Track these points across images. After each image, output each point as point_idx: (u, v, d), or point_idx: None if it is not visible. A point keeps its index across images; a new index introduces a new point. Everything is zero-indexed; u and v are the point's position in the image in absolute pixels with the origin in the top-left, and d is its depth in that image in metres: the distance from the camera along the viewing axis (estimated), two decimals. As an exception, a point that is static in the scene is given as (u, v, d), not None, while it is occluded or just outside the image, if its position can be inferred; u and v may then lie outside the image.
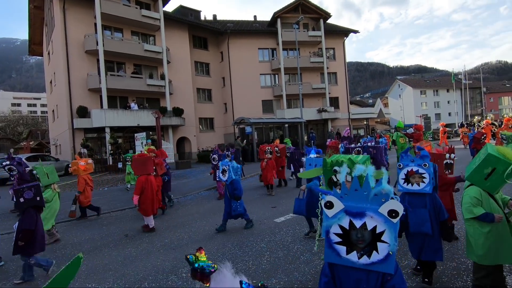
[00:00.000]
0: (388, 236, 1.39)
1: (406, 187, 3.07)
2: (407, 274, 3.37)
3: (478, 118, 26.51)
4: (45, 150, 34.53)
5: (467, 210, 2.73)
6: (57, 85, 20.86)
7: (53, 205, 5.46)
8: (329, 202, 1.49)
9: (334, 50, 30.05)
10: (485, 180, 2.68)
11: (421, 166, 2.98)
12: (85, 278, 3.88)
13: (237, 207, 5.34)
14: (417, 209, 3.04)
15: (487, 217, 2.62)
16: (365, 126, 31.96)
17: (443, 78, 67.65)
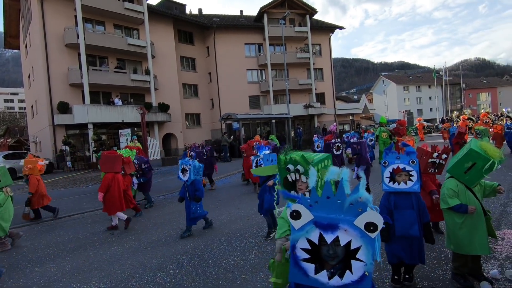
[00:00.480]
0: (365, 253, 1.16)
1: (393, 186, 2.84)
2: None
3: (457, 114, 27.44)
4: (24, 147, 33.24)
5: (442, 201, 2.90)
6: (36, 79, 20.07)
7: (6, 209, 5.00)
8: (296, 212, 1.25)
9: (320, 46, 30.26)
10: (465, 173, 2.78)
11: (407, 163, 2.79)
12: (69, 277, 3.80)
13: (197, 209, 5.03)
14: (403, 210, 2.83)
15: (460, 208, 2.77)
16: (351, 121, 32.50)
17: (425, 74, 69.57)
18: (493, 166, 2.68)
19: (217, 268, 3.73)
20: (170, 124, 22.87)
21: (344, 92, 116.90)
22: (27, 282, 3.76)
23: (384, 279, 3.17)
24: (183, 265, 3.90)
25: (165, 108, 21.62)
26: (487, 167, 2.67)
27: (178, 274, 3.67)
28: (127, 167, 6.61)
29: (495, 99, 64.01)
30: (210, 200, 7.75)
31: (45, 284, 3.66)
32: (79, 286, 3.54)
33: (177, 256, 4.21)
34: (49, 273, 3.99)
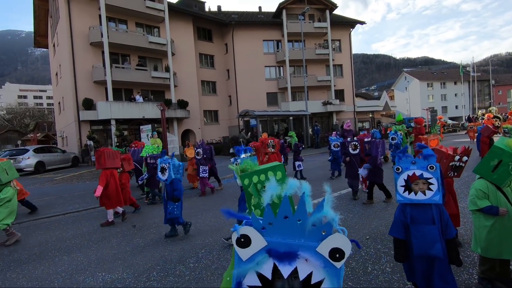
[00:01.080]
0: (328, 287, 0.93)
1: (408, 197, 2.36)
2: None
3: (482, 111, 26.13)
4: (51, 142, 34.93)
5: (471, 202, 2.75)
6: (63, 77, 20.97)
7: (13, 203, 5.10)
8: (244, 237, 0.97)
9: (340, 42, 29.65)
10: (492, 172, 2.67)
11: (425, 168, 2.32)
12: (95, 266, 3.97)
13: (174, 209, 4.87)
14: (422, 225, 2.36)
15: (491, 210, 2.63)
16: (371, 119, 31.70)
17: (451, 70, 66.58)
18: None
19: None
20: (189, 121, 23.26)
21: (364, 88, 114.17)
22: (56, 269, 3.97)
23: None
24: (202, 259, 3.98)
25: (184, 104, 21.99)
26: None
27: (198, 267, 3.75)
28: (126, 164, 6.71)
29: (528, 96, 60.32)
30: (228, 197, 7.84)
31: (73, 272, 3.85)
32: (104, 275, 3.70)
33: (196, 250, 4.30)
34: (76, 261, 4.19)
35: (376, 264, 3.48)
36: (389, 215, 5.23)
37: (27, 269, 4.05)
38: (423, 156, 2.39)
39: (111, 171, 5.92)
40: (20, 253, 4.65)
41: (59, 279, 3.67)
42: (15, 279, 3.77)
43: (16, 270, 4.03)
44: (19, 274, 3.89)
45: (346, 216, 5.41)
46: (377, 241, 4.14)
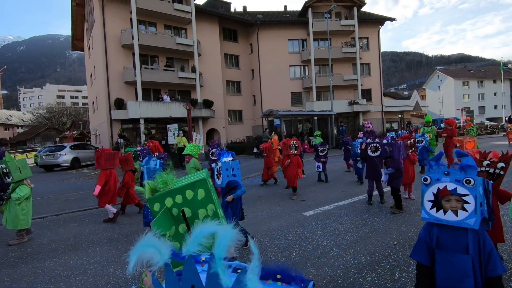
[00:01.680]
0: None
1: (435, 215, 1.92)
2: None
3: None
4: (86, 139, 37.06)
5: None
6: (97, 78, 22.14)
7: (30, 202, 5.16)
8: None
9: (367, 40, 28.74)
10: None
11: (461, 182, 1.84)
12: (125, 259, 4.15)
13: (148, 213, 4.62)
14: (452, 252, 1.89)
15: None
16: (400, 119, 30.42)
17: (490, 67, 62.27)
18: None
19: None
20: (214, 120, 23.65)
21: (393, 88, 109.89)
22: (89, 260, 4.20)
23: None
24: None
25: (209, 104, 22.40)
26: None
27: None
28: (125, 164, 6.65)
29: None
30: (250, 196, 7.87)
31: (104, 263, 4.06)
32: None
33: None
34: (107, 253, 4.41)
35: (404, 271, 3.34)
36: (418, 220, 5.00)
37: (63, 259, 4.32)
38: (460, 166, 1.88)
39: (110, 171, 6.17)
40: (57, 244, 4.97)
41: (91, 270, 3.89)
42: (53, 267, 4.04)
43: (54, 259, 4.31)
44: (56, 263, 4.16)
45: (372, 220, 5.24)
46: (405, 247, 3.97)
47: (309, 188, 8.40)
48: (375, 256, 3.77)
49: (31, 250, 4.75)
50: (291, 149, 7.51)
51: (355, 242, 4.29)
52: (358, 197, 6.92)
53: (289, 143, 7.57)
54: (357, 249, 4.03)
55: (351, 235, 4.56)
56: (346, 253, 3.94)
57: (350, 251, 3.99)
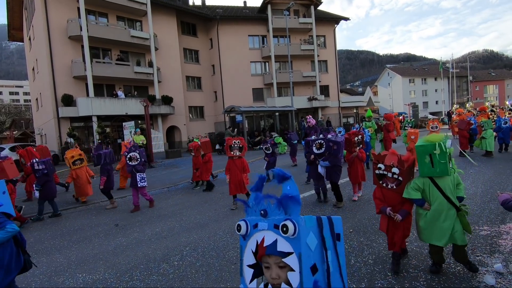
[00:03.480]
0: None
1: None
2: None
3: (456, 107, 27.11)
4: (29, 139, 33.60)
5: (406, 191, 3.05)
6: (40, 72, 20.12)
7: None
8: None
9: (324, 38, 29.86)
10: (433, 168, 2.88)
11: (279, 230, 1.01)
12: (75, 268, 3.86)
13: None
14: None
15: (417, 201, 3.03)
16: (355, 114, 32.23)
17: (431, 66, 68.49)
18: (441, 148, 2.80)
19: (220, 260, 3.76)
20: (174, 117, 22.89)
21: (348, 84, 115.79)
22: (33, 271, 3.82)
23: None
24: (186, 257, 3.94)
25: (169, 100, 21.60)
26: (437, 151, 2.80)
27: (182, 265, 3.71)
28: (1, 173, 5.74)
29: (503, 92, 62.91)
30: (214, 193, 7.79)
31: (51, 273, 3.72)
32: (85, 276, 3.60)
33: (180, 248, 4.25)
34: (55, 263, 4.06)
35: (358, 257, 3.55)
36: (372, 208, 5.34)
37: (2, 272, 3.87)
38: (277, 200, 1.10)
39: None
40: (-6, 256, 4.45)
41: (36, 282, 3.55)
42: (-11, 283, 3.60)
43: (-10, 274, 3.85)
44: (-6, 278, 3.72)
45: (331, 210, 5.48)
46: (360, 234, 4.22)
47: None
48: (333, 244, 3.95)
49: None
50: (233, 150, 5.96)
51: (315, 232, 4.45)
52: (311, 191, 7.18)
53: (230, 143, 6.02)
54: (316, 239, 4.18)
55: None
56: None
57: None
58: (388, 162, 3.14)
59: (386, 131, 9.88)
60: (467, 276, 2.99)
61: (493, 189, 5.98)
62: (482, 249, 3.50)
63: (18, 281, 3.58)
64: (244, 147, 6.12)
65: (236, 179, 5.99)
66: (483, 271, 3.03)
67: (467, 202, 5.22)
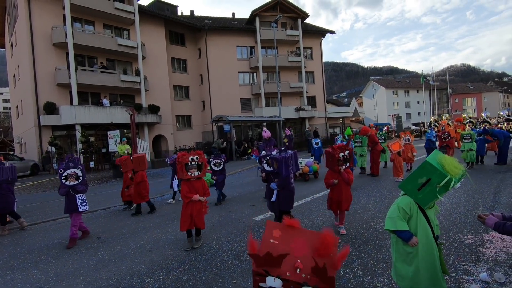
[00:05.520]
0: None
1: None
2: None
3: (434, 118, 28.10)
4: (8, 148, 32.24)
5: (391, 220, 2.42)
6: (22, 79, 19.54)
7: None
8: None
9: (311, 50, 30.52)
10: (418, 191, 2.36)
11: None
12: (53, 284, 3.65)
13: None
14: None
15: (404, 234, 2.37)
16: (341, 124, 32.80)
17: (413, 79, 71.05)
18: (449, 185, 2.23)
19: (208, 273, 3.65)
20: (161, 126, 22.59)
21: (335, 95, 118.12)
22: (7, 289, 3.59)
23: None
24: (172, 270, 3.80)
25: (156, 109, 21.35)
26: (442, 184, 2.23)
27: (167, 279, 3.57)
28: None
29: (480, 104, 65.80)
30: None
31: (26, 292, 3.50)
32: (63, 294, 3.40)
33: (166, 261, 4.11)
34: (31, 279, 3.83)
35: (348, 268, 3.53)
36: (359, 218, 5.37)
37: (-28, 291, 3.63)
38: None
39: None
40: (-36, 273, 4.16)
41: (10, 301, 3.32)
42: (-43, 303, 3.35)
43: None
44: (-37, 297, 3.47)
45: (319, 221, 5.47)
46: (348, 244, 4.21)
47: (258, 193, 8.47)
48: (322, 255, 3.92)
49: None
50: (189, 169, 4.37)
51: (303, 243, 4.41)
52: (306, 199, 7.19)
53: (186, 160, 4.39)
54: (305, 250, 4.14)
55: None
56: (295, 254, 4.02)
57: (299, 252, 4.08)
58: None
59: (372, 144, 9.84)
60: (454, 285, 3.01)
61: (475, 198, 6.15)
62: (468, 258, 3.55)
63: (-10, 300, 3.35)
64: (204, 165, 4.52)
65: (193, 209, 4.37)
66: (469, 280, 3.06)
67: (451, 211, 5.36)
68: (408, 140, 9.57)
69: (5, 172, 6.00)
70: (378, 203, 6.37)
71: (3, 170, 5.98)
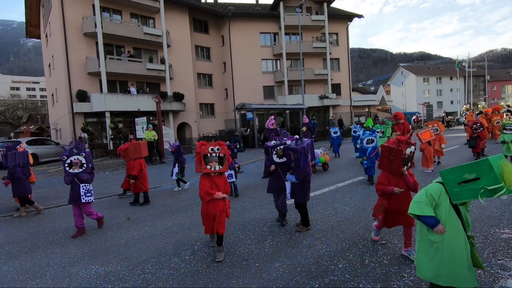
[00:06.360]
0: None
1: None
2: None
3: (466, 107, 26.30)
4: (45, 134, 34.47)
5: (416, 204, 2.34)
6: (56, 68, 20.56)
7: None
8: None
9: (337, 35, 29.45)
10: (458, 184, 2.20)
11: None
12: (88, 259, 3.90)
13: None
14: None
15: (429, 220, 2.28)
16: (367, 113, 31.73)
17: (447, 65, 66.79)
18: (496, 192, 2.06)
19: (232, 256, 3.73)
20: (185, 114, 23.04)
21: (360, 83, 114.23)
22: (48, 262, 3.89)
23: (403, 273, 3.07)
24: (197, 252, 3.93)
25: (180, 97, 21.75)
26: (490, 188, 2.06)
27: (193, 260, 3.70)
28: None
29: (522, 92, 60.84)
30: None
31: (65, 264, 3.77)
32: (97, 268, 3.63)
33: (191, 243, 4.25)
34: (69, 254, 4.12)
35: (373, 257, 3.46)
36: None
37: (18, 262, 3.96)
38: None
39: None
40: (11, 246, 4.55)
41: (51, 272, 3.60)
42: (6, 272, 3.68)
43: (7, 263, 3.94)
44: (10, 267, 3.80)
45: (343, 209, 5.39)
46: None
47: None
48: (346, 244, 3.88)
49: (-20, 254, 4.31)
50: (209, 162, 3.63)
51: (327, 231, 4.38)
52: (329, 187, 7.09)
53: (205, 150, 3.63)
54: (328, 238, 4.11)
55: (323, 225, 4.65)
56: (318, 242, 4.01)
57: (322, 239, 4.06)
58: None
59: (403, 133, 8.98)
60: (488, 280, 2.87)
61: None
62: (504, 253, 3.36)
63: (33, 269, 3.66)
64: (227, 157, 3.77)
65: (216, 209, 3.63)
66: (506, 276, 2.90)
67: (486, 204, 5.06)
68: (437, 130, 8.98)
69: (17, 157, 6.16)
70: (405, 193, 6.15)
71: (15, 155, 6.12)
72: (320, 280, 3.04)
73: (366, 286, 2.89)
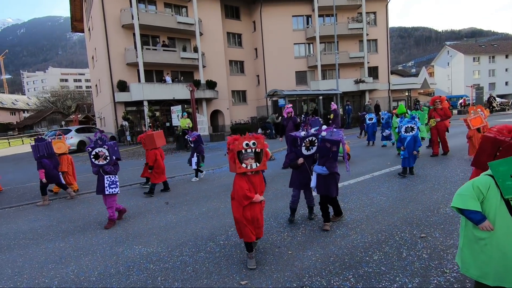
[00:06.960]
0: None
1: None
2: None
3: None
4: (91, 122, 37.24)
5: (460, 197, 2.14)
6: (98, 60, 21.86)
7: None
8: None
9: (375, 15, 27.66)
10: (511, 177, 1.98)
11: None
12: (132, 240, 4.22)
13: None
14: None
15: (474, 216, 2.09)
16: (407, 97, 29.82)
17: (502, 42, 60.02)
18: None
19: (264, 243, 3.81)
20: (217, 101, 23.43)
21: (400, 65, 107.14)
22: (98, 240, 4.28)
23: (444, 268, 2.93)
24: (231, 237, 4.06)
25: (213, 85, 22.10)
26: None
27: (227, 244, 3.84)
28: None
29: None
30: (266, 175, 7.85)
31: (112, 243, 4.12)
32: (140, 248, 3.92)
33: (226, 228, 4.40)
34: (116, 234, 4.48)
35: (411, 250, 3.33)
36: (426, 199, 4.95)
37: (73, 239, 4.40)
38: None
39: None
40: (67, 225, 5.06)
41: (101, 250, 3.95)
42: (63, 247, 4.12)
43: (64, 240, 4.40)
44: (67, 244, 4.25)
45: (379, 199, 5.21)
46: (412, 226, 3.95)
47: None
48: (382, 235, 3.76)
49: (41, 231, 4.85)
50: (244, 159, 3.16)
51: (362, 221, 4.28)
52: (364, 176, 6.87)
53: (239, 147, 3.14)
54: (363, 228, 4.02)
55: (357, 214, 4.54)
56: (353, 232, 3.93)
57: (357, 230, 3.98)
58: None
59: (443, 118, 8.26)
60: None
61: None
62: None
63: (85, 247, 4.04)
64: (265, 152, 3.30)
65: (253, 213, 3.26)
66: None
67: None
68: (483, 115, 8.05)
69: (41, 148, 6.28)
70: (448, 184, 5.76)
71: (38, 147, 6.25)
72: (354, 271, 3.00)
73: (403, 279, 2.80)
